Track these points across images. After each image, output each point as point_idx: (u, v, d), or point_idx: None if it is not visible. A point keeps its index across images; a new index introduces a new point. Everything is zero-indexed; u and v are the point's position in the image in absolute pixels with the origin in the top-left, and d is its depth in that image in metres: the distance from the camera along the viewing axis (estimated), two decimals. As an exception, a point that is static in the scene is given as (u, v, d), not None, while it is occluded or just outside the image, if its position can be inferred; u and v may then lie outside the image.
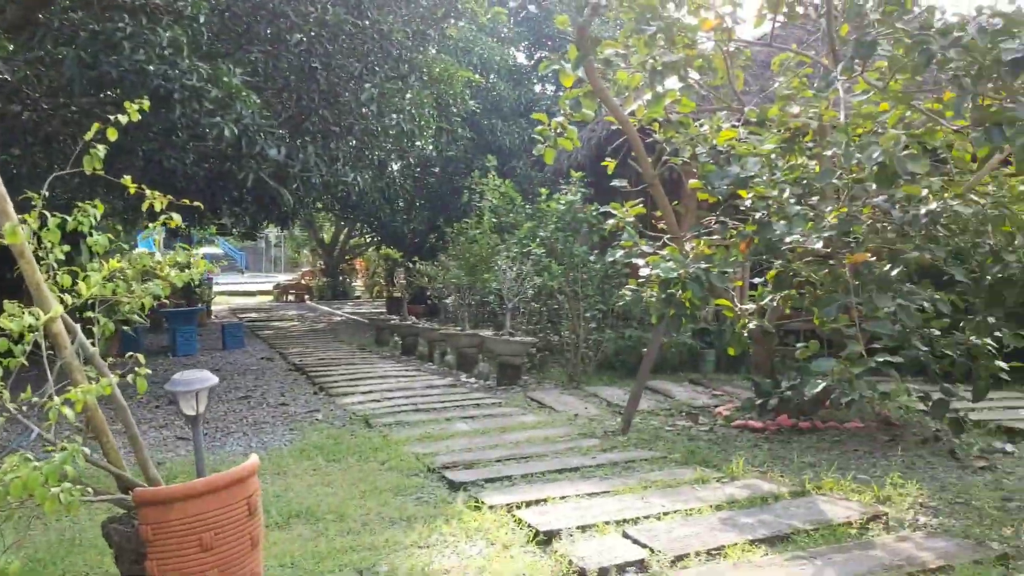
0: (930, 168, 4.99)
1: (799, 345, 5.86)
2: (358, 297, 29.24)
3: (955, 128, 4.94)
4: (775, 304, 6.24)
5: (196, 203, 3.67)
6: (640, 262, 6.49)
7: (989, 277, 5.54)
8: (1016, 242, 5.49)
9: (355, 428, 7.07)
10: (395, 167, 16.32)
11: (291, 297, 28.00)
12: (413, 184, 16.81)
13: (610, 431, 6.67)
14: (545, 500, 4.54)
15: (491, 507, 4.44)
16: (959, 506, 4.64)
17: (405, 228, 16.84)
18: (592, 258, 10.11)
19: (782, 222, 5.24)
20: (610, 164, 7.47)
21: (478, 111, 14.62)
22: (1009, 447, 6.07)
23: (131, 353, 3.15)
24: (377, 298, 26.60)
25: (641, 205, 6.88)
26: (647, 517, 4.15)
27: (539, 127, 6.50)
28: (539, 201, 10.72)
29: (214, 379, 2.93)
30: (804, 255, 5.69)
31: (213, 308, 23.88)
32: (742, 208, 6.17)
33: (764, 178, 5.86)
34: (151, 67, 6.40)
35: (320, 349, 13.81)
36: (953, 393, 5.88)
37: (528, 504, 4.47)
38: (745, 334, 6.30)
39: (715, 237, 6.50)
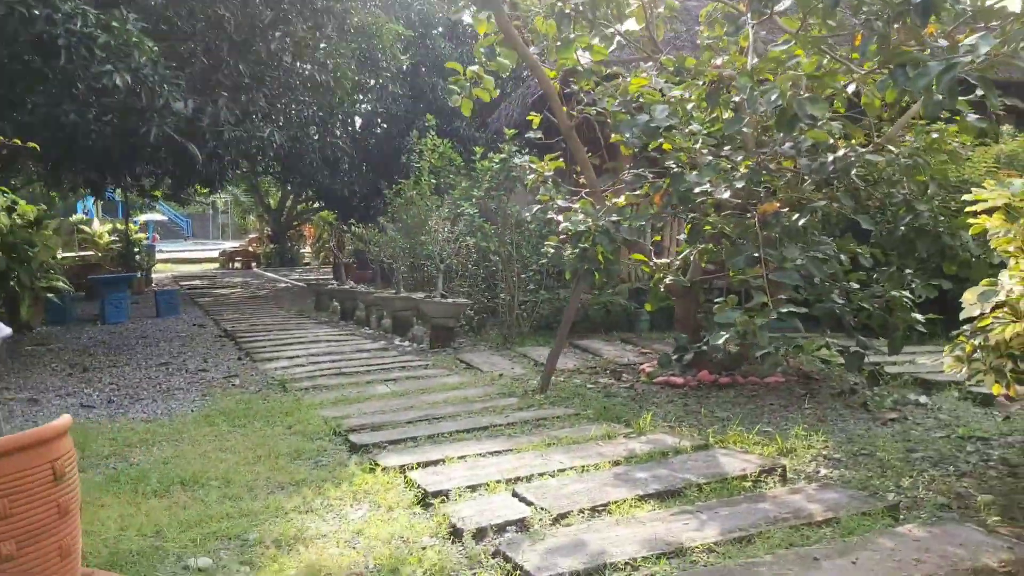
0: (837, 116, 4.85)
1: (717, 300, 5.75)
2: (307, 264, 28.62)
3: (864, 72, 4.80)
4: (693, 258, 6.11)
5: (31, 144, 3.31)
6: (559, 217, 6.30)
7: (902, 228, 5.47)
8: (929, 191, 5.42)
9: (270, 393, 6.82)
10: (337, 127, 15.80)
11: (237, 264, 27.30)
12: (354, 145, 16.32)
13: (530, 390, 6.54)
14: (443, 460, 4.37)
15: (384, 469, 4.26)
16: (863, 457, 4.60)
17: (346, 191, 16.35)
18: (528, 217, 9.89)
19: (694, 173, 5.07)
20: (535, 118, 7.22)
21: (411, 67, 14.14)
22: (923, 399, 6.08)
23: None
24: (325, 265, 26.06)
25: (562, 159, 6.66)
26: (542, 475, 4.00)
27: (453, 77, 6.20)
28: (474, 160, 10.43)
29: (6, 330, 2.61)
30: (720, 207, 5.55)
31: (153, 276, 23.14)
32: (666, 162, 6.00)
33: (684, 130, 5.69)
34: (33, 11, 5.90)
35: (256, 315, 13.42)
36: (868, 346, 5.85)
37: (423, 465, 4.30)
38: (662, 289, 6.17)
39: (637, 192, 6.33)
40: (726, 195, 4.84)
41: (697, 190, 4.86)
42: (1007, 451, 4.65)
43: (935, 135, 5.33)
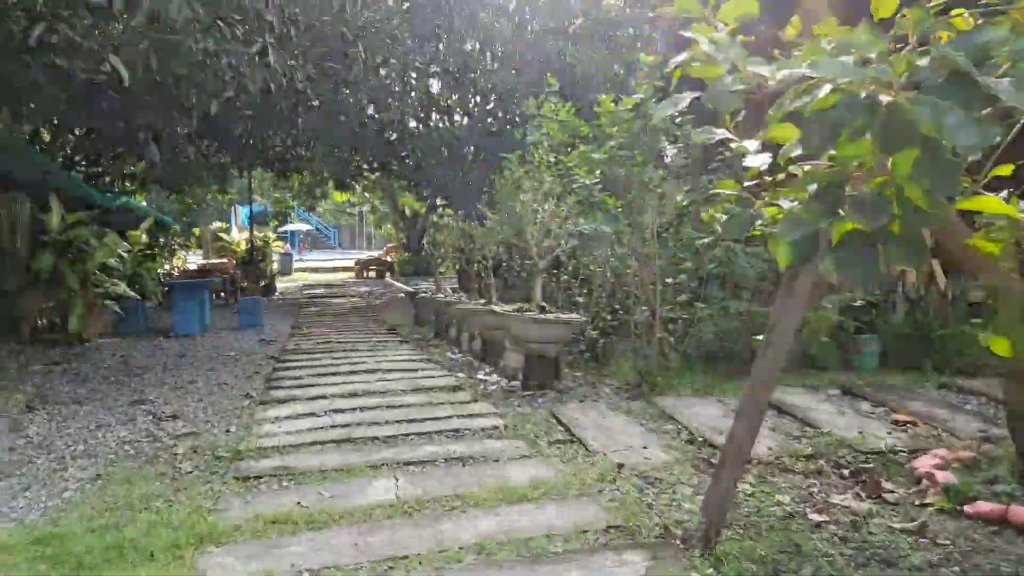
0: None
1: None
2: (443, 272, 26.17)
3: None
4: None
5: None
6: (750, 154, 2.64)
7: None
8: None
9: (188, 485, 3.65)
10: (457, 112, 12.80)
11: (372, 274, 25.38)
12: (472, 132, 13.28)
13: (680, 529, 2.87)
14: None
15: None
16: None
17: (465, 184, 13.31)
18: (680, 197, 6.17)
19: None
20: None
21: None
22: None
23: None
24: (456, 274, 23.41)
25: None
26: None
27: None
28: (596, 110, 6.85)
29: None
30: None
31: (280, 285, 21.62)
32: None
33: None
34: None
35: (340, 331, 10.64)
36: None
37: None
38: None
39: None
40: None
41: None
42: None
43: None
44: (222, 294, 15.90)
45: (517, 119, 12.34)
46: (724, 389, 5.62)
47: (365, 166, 16.44)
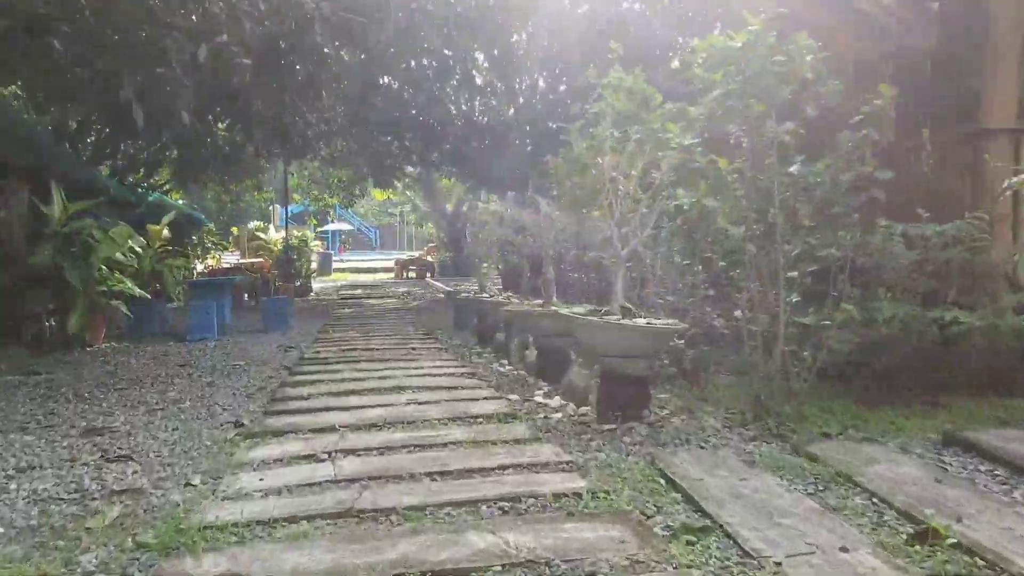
0: None
1: None
2: (484, 272, 24.65)
3: None
4: None
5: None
6: None
7: None
8: None
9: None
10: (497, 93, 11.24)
11: (411, 274, 24.02)
12: (518, 115, 11.70)
13: None
14: None
15: None
16: None
17: (511, 173, 11.73)
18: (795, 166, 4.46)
19: None
20: None
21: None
22: None
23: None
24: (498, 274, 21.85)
25: None
26: None
27: None
28: (687, 56, 5.17)
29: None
30: None
31: (317, 285, 20.35)
32: None
33: None
34: None
35: (371, 335, 9.17)
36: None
37: None
38: None
39: None
40: None
41: None
42: None
43: None
44: (252, 295, 14.57)
45: (570, 98, 10.71)
46: (891, 427, 3.91)
47: (403, 158, 15.02)
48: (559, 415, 4.44)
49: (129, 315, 9.05)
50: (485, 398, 4.88)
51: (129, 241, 9.56)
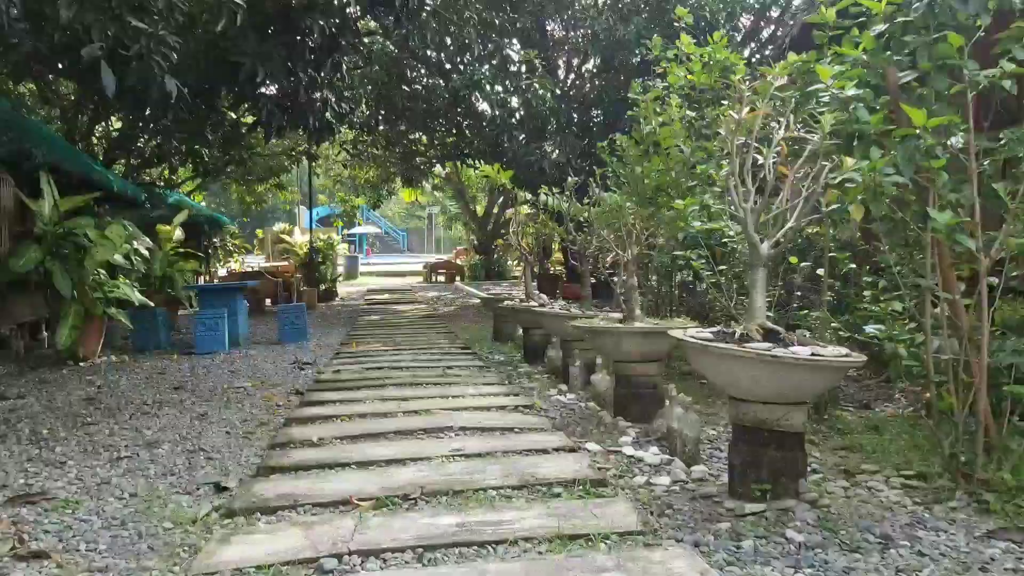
0: None
1: None
2: (515, 277, 23.36)
3: None
4: None
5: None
6: None
7: None
8: None
9: None
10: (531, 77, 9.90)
11: (441, 278, 22.79)
12: (561, 99, 10.35)
13: None
14: None
15: None
16: None
17: (553, 166, 10.37)
18: None
19: None
20: None
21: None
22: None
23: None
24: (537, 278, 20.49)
25: None
26: None
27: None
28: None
29: None
30: None
31: (342, 289, 19.19)
32: None
33: None
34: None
35: (401, 348, 7.89)
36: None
37: None
38: None
39: None
40: None
41: None
42: None
43: None
44: (275, 300, 13.35)
45: (625, 75, 9.33)
46: None
47: (434, 155, 13.79)
48: (665, 480, 3.09)
49: (130, 326, 7.89)
50: (556, 448, 3.55)
51: (135, 243, 8.45)
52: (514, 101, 9.51)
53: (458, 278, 22.58)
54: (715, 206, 5.08)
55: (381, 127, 9.87)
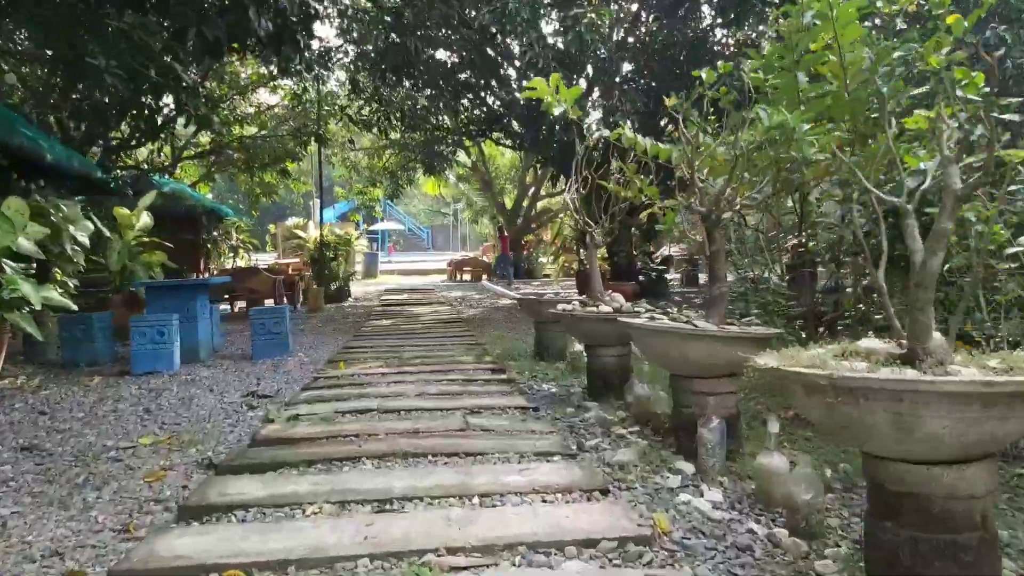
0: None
1: None
2: (546, 275, 20.77)
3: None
4: None
5: None
6: None
7: None
8: None
9: None
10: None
11: (466, 276, 20.34)
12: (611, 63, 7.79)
13: None
14: None
15: None
16: None
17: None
18: None
19: None
20: None
21: None
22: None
23: None
24: (568, 276, 17.91)
25: None
26: None
27: None
28: None
29: None
30: None
31: (359, 289, 16.82)
32: None
33: None
34: None
35: (407, 372, 5.39)
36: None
37: None
38: None
39: None
40: None
41: None
42: None
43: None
44: (277, 301, 10.72)
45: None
46: None
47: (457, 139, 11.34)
48: None
49: (38, 336, 5.54)
50: None
51: (71, 227, 6.16)
52: (559, 43, 7.03)
53: (485, 276, 20.11)
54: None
55: (388, 83, 7.49)
